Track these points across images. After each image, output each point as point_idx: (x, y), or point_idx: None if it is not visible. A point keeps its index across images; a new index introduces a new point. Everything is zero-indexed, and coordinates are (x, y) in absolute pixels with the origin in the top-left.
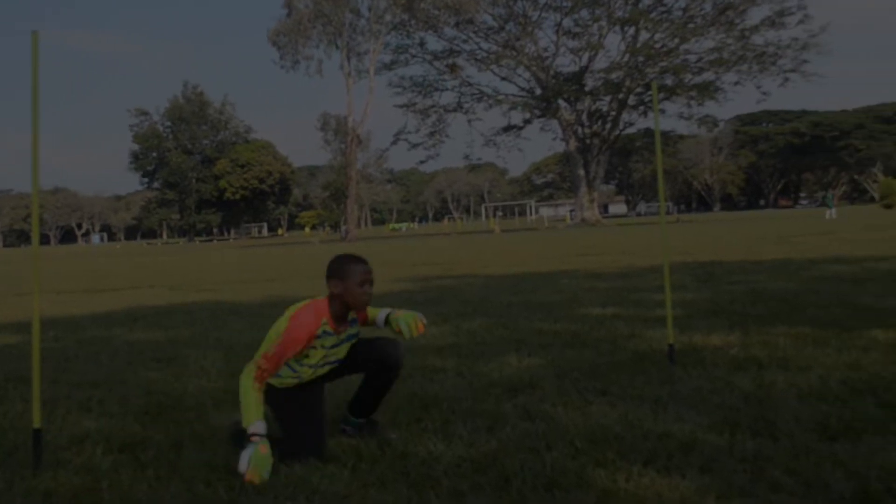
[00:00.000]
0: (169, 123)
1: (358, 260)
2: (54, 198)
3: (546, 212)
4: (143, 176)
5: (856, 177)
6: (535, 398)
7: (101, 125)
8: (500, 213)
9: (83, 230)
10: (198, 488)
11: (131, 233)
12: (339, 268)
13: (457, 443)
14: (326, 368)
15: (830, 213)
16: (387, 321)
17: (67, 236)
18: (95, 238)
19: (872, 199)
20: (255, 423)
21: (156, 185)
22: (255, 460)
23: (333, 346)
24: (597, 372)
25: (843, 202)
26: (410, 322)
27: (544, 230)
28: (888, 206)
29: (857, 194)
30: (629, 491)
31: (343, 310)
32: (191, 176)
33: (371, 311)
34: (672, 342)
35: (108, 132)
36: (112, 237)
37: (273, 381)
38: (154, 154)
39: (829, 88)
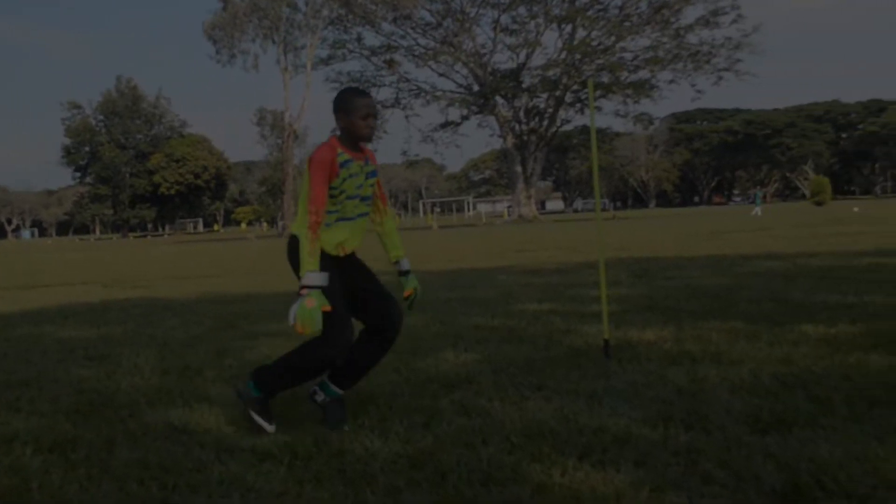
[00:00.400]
0: (102, 117)
1: (361, 94)
2: None
3: (483, 208)
4: (76, 170)
5: (788, 174)
6: (472, 393)
7: (32, 118)
8: (437, 209)
9: (13, 226)
10: (130, 487)
11: (63, 228)
12: (344, 102)
13: (393, 439)
14: (364, 206)
15: (757, 210)
16: (402, 275)
17: None
18: (25, 234)
19: (804, 197)
20: (307, 274)
21: (88, 179)
22: (300, 314)
23: (358, 175)
24: (533, 367)
25: (776, 199)
26: (417, 297)
27: (482, 226)
28: (819, 204)
29: (788, 192)
30: (564, 485)
31: (352, 142)
32: (124, 171)
33: (397, 239)
34: (607, 337)
35: (39, 126)
36: (43, 233)
37: (323, 238)
38: (87, 148)
39: (762, 88)
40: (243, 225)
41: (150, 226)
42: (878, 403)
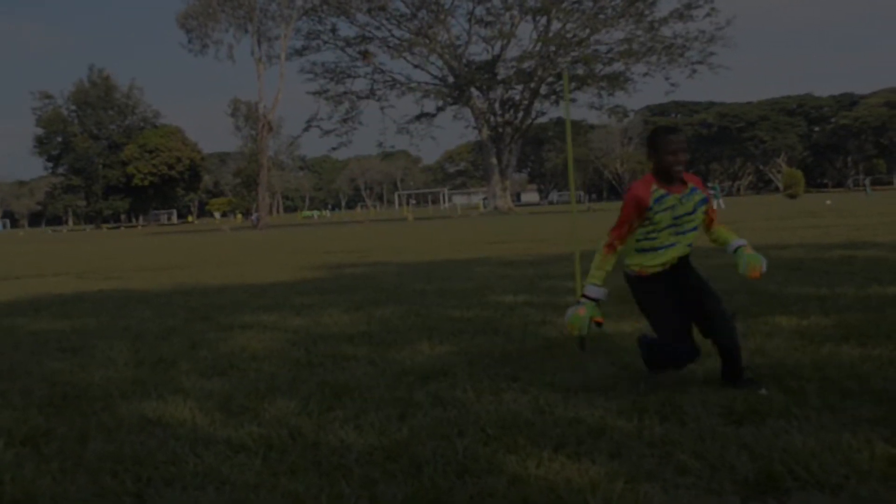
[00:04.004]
0: (74, 107)
1: (670, 131)
2: None
3: (459, 200)
4: (48, 161)
5: (761, 167)
6: (447, 385)
7: (2, 108)
8: (413, 201)
9: None
10: (104, 480)
11: (35, 219)
12: (653, 140)
13: (368, 431)
14: (686, 236)
15: (718, 203)
16: (736, 252)
17: None
18: None
19: (777, 189)
20: (588, 286)
21: (61, 170)
22: (571, 318)
23: (676, 207)
24: (508, 359)
25: (749, 192)
26: (752, 262)
27: (457, 218)
28: (792, 196)
29: (762, 184)
30: (540, 476)
31: (665, 176)
32: (97, 161)
33: (726, 234)
34: None
35: (9, 116)
36: (15, 224)
37: (636, 261)
38: (59, 139)
39: (736, 81)
40: (217, 216)
41: (123, 217)
42: (851, 394)
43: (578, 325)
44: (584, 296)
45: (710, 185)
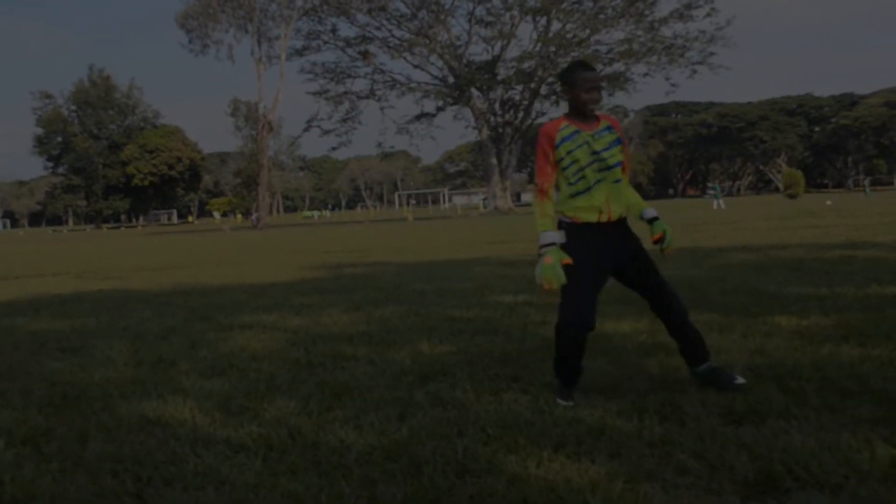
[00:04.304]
0: (74, 107)
1: (586, 68)
2: None
3: (459, 200)
4: (48, 161)
5: (761, 167)
6: (447, 385)
7: (2, 108)
8: (413, 202)
9: None
10: (104, 480)
11: (36, 219)
12: (569, 76)
13: (368, 431)
14: (610, 173)
15: (718, 203)
16: (651, 223)
17: None
18: None
19: (777, 190)
20: (541, 234)
21: (61, 170)
22: (542, 271)
23: (591, 143)
24: (508, 359)
25: (749, 192)
26: (671, 240)
27: (457, 218)
28: (792, 197)
29: (762, 184)
30: (539, 476)
31: (578, 113)
32: (97, 161)
33: (638, 198)
34: None
35: (9, 116)
36: (15, 223)
37: (569, 206)
38: (59, 139)
39: (736, 81)
40: (217, 216)
41: (123, 217)
42: (850, 394)
43: (552, 274)
44: (542, 245)
45: (709, 185)
